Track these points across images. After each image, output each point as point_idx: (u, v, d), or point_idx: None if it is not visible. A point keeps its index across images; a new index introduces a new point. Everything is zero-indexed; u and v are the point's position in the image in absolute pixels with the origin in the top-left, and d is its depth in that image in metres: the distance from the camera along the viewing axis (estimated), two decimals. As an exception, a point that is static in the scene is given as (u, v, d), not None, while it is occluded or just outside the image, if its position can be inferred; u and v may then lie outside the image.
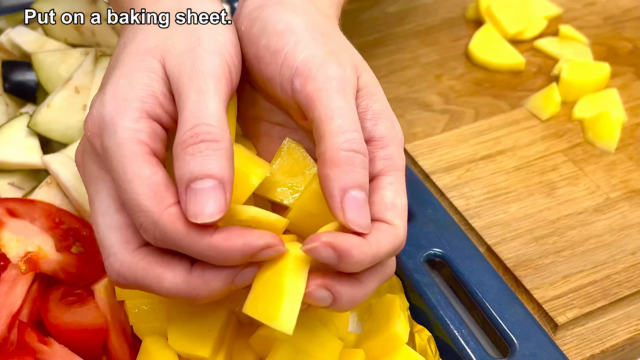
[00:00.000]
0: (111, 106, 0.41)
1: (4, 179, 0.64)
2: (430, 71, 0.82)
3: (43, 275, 0.57)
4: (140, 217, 0.40)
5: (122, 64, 0.44)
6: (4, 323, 0.54)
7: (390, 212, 0.42)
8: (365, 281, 0.43)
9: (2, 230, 0.56)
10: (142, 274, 0.41)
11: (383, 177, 0.44)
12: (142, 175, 0.40)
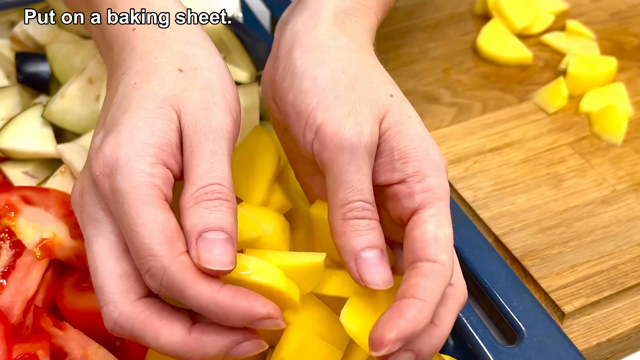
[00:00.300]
0: (128, 148, 0.41)
1: (19, 168, 0.65)
2: (438, 65, 0.83)
3: (57, 262, 0.58)
4: (150, 261, 0.40)
5: (139, 107, 0.43)
6: (20, 308, 0.55)
7: (433, 247, 0.41)
8: (441, 323, 0.43)
9: (18, 217, 0.57)
10: (140, 327, 0.41)
11: (424, 211, 0.43)
12: (156, 220, 0.40)
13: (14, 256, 0.57)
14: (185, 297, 0.40)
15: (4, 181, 0.65)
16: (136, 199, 0.40)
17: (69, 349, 0.53)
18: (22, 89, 0.70)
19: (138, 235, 0.40)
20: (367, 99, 0.46)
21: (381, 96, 0.47)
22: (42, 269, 0.57)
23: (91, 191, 0.43)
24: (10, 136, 0.64)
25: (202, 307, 0.40)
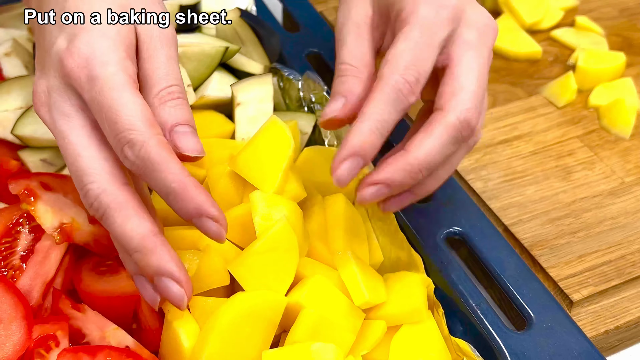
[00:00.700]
0: (102, 42, 0.46)
1: (37, 155, 0.67)
2: (448, 59, 0.84)
3: (76, 247, 0.59)
4: (132, 134, 0.44)
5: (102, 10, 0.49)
6: (39, 291, 0.56)
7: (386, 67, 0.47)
8: (413, 148, 0.46)
9: (37, 202, 0.58)
10: (115, 207, 0.45)
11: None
12: (136, 102, 0.45)
13: (32, 240, 0.59)
14: (156, 171, 0.44)
15: (22, 168, 0.66)
16: (116, 83, 0.45)
17: (87, 331, 0.54)
18: (40, 78, 0.71)
19: (119, 112, 0.44)
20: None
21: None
22: (61, 253, 0.58)
23: (61, 88, 0.48)
24: (29, 123, 0.66)
25: (167, 185, 0.44)
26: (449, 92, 0.47)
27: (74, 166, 0.47)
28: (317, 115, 0.70)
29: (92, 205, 0.46)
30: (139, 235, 0.45)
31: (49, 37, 0.50)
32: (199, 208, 0.45)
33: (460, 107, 0.46)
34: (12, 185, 0.59)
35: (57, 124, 0.48)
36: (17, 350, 0.50)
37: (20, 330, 0.51)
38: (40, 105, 0.50)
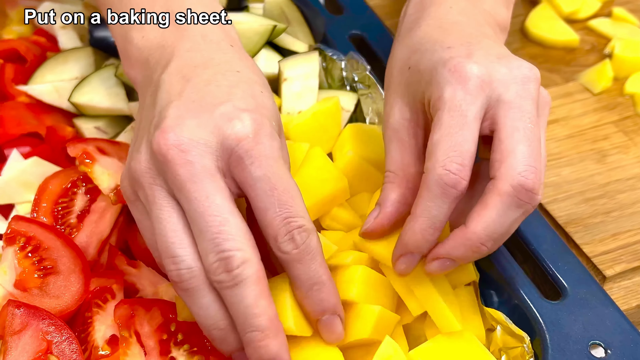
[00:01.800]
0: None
1: (91, 122, 0.70)
2: (486, 45, 0.86)
3: (129, 209, 0.62)
4: (304, 221, 0.46)
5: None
6: (95, 247, 0.59)
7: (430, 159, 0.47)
8: (470, 223, 0.47)
9: (94, 165, 0.61)
10: (255, 280, 0.45)
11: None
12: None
13: (88, 201, 0.62)
14: (313, 261, 0.47)
15: (77, 135, 0.70)
16: (286, 169, 0.48)
17: (141, 286, 0.57)
18: (95, 51, 0.74)
19: (295, 197, 0.46)
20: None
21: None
22: (116, 213, 0.61)
23: (213, 153, 0.47)
24: (85, 92, 0.69)
25: (319, 275, 0.47)
26: (498, 159, 0.47)
27: (214, 226, 0.44)
28: (359, 94, 0.72)
29: (233, 271, 0.44)
30: (269, 315, 0.44)
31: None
32: (337, 305, 0.48)
33: (511, 172, 0.46)
34: (70, 149, 0.62)
35: (199, 180, 0.45)
36: (75, 300, 0.53)
37: (78, 282, 0.54)
38: (144, 173, 0.47)
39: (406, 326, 0.56)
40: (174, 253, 0.45)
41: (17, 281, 0.53)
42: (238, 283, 0.44)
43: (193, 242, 0.45)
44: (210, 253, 0.44)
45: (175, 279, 0.45)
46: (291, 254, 0.46)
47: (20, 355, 0.48)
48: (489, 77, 0.48)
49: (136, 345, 0.51)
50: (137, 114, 0.54)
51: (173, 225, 0.45)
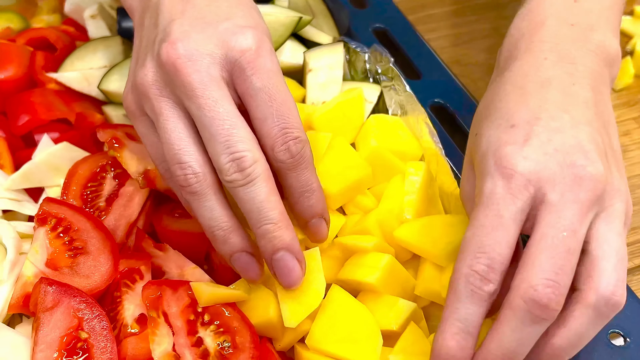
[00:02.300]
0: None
1: (120, 110, 0.71)
2: (508, 41, 0.87)
3: (156, 193, 0.63)
4: (300, 133, 0.49)
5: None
6: (123, 230, 0.60)
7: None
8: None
9: (123, 149, 0.62)
10: (266, 177, 0.49)
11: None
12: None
13: (117, 186, 0.63)
14: (307, 169, 0.50)
15: (106, 121, 0.71)
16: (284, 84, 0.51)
17: (167, 269, 0.59)
18: (123, 40, 0.76)
19: (293, 109, 0.49)
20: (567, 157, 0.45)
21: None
22: (143, 197, 0.62)
23: (217, 60, 0.50)
24: (114, 80, 0.70)
25: (311, 183, 0.50)
26: (518, 268, 0.44)
27: (225, 129, 0.47)
28: (382, 85, 0.73)
29: (246, 170, 0.47)
30: (280, 209, 0.48)
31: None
32: (324, 210, 0.52)
33: (524, 285, 0.42)
34: (100, 134, 0.64)
35: (208, 87, 0.48)
36: (104, 280, 0.55)
37: (108, 263, 0.56)
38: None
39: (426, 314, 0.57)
40: (181, 159, 0.48)
41: (48, 260, 0.55)
42: (251, 181, 0.47)
43: (199, 149, 0.49)
44: (222, 155, 0.47)
45: (183, 183, 0.48)
46: (286, 162, 0.49)
47: (52, 331, 0.50)
48: (536, 174, 0.44)
49: (164, 325, 0.52)
50: (136, 39, 0.56)
51: (179, 134, 0.49)
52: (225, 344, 0.52)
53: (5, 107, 0.71)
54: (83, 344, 0.50)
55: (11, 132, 0.69)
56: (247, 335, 0.52)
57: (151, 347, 0.50)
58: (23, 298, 0.53)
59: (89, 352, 0.49)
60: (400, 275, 0.55)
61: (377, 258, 0.54)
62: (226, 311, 0.53)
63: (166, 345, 0.51)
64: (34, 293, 0.52)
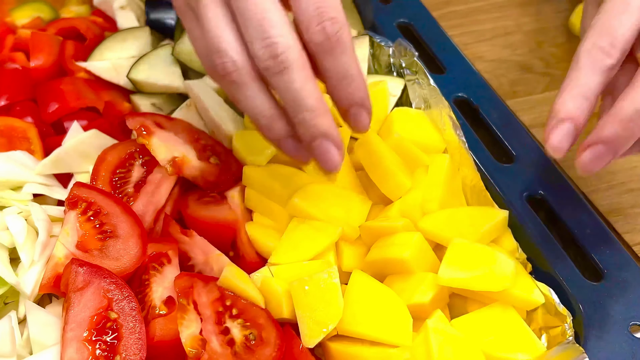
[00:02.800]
0: None
1: (147, 99, 0.72)
2: (532, 38, 0.87)
3: (183, 181, 0.64)
4: (337, 14, 0.47)
5: None
6: (151, 216, 0.61)
7: None
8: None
9: (152, 137, 0.64)
10: (299, 65, 0.46)
11: None
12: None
13: (145, 173, 0.64)
14: (345, 53, 0.47)
15: (134, 110, 0.72)
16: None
17: (193, 254, 0.60)
18: (152, 31, 0.77)
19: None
20: None
21: None
22: (171, 184, 0.64)
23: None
24: (143, 70, 0.72)
25: (349, 68, 0.48)
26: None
27: (258, 14, 0.46)
28: (406, 79, 0.74)
29: (278, 57, 0.46)
30: (316, 96, 0.47)
31: None
32: (365, 98, 0.50)
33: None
34: (129, 121, 0.65)
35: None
36: (133, 263, 0.56)
37: (136, 246, 0.57)
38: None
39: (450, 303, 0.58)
40: (219, 47, 0.47)
41: (78, 243, 0.56)
42: (285, 68, 0.46)
43: (238, 38, 0.47)
44: (256, 40, 0.46)
45: (221, 72, 0.48)
46: (322, 44, 0.47)
47: (82, 311, 0.51)
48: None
49: (193, 313, 0.53)
50: None
51: (219, 22, 0.47)
52: (252, 337, 0.53)
53: (36, 94, 0.72)
54: (112, 324, 0.51)
55: (41, 119, 0.70)
56: (273, 332, 0.53)
57: (180, 330, 0.51)
58: (54, 278, 0.54)
59: (118, 332, 0.50)
60: (428, 254, 0.56)
61: (407, 236, 0.55)
62: (253, 308, 0.54)
63: (194, 329, 0.52)
64: (64, 274, 0.53)
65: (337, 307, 0.53)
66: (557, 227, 0.63)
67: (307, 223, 0.60)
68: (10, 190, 0.62)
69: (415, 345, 0.52)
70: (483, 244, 0.57)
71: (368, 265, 0.58)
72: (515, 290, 0.55)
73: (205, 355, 0.49)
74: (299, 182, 0.62)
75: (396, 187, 0.61)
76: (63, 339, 0.50)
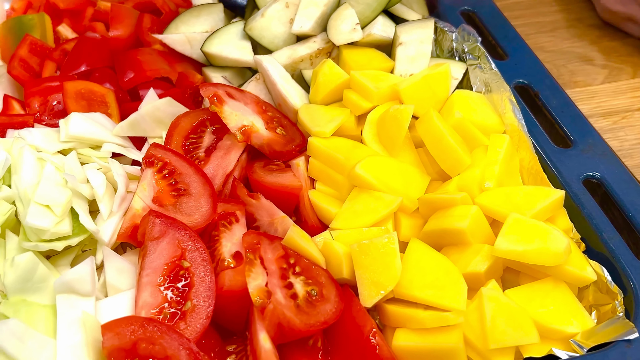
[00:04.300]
0: None
1: (218, 72, 0.76)
2: (593, 31, 0.88)
3: (250, 149, 0.68)
4: None
5: None
6: (220, 179, 0.65)
7: None
8: None
9: (224, 105, 0.67)
10: None
11: None
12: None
13: (215, 140, 0.67)
14: None
15: (205, 82, 0.76)
16: None
17: (259, 216, 0.63)
18: (225, 9, 0.80)
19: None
20: None
21: None
22: (239, 151, 0.67)
23: None
24: (216, 44, 0.75)
25: None
26: None
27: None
28: (468, 64, 0.76)
29: None
30: None
31: None
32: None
33: None
34: (203, 90, 0.68)
35: None
36: (204, 219, 0.59)
37: (207, 204, 0.60)
38: None
39: (503, 277, 0.60)
40: None
41: (154, 197, 0.60)
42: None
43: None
44: None
45: None
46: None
47: (157, 258, 0.54)
48: None
49: (260, 267, 0.56)
50: None
51: None
52: (313, 292, 0.55)
53: (114, 63, 0.76)
54: (185, 272, 0.54)
55: (119, 86, 0.74)
56: (334, 290, 0.56)
57: (247, 281, 0.54)
58: (131, 228, 0.57)
59: (190, 280, 0.54)
60: (485, 227, 0.58)
61: (465, 208, 0.58)
62: (315, 267, 0.57)
63: (260, 281, 0.54)
64: (142, 224, 0.57)
65: (395, 271, 0.55)
66: (612, 210, 0.64)
67: (367, 192, 0.62)
68: (89, 148, 0.66)
69: (469, 311, 0.54)
70: (539, 221, 0.58)
71: (425, 235, 0.60)
72: (568, 267, 0.56)
73: (270, 305, 0.52)
74: (362, 154, 0.64)
75: (456, 163, 0.63)
76: (138, 284, 0.53)
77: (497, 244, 0.56)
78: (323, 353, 0.54)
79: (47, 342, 0.50)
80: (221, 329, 0.56)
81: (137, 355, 0.49)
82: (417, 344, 0.54)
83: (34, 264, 0.53)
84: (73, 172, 0.60)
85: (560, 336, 0.55)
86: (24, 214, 0.56)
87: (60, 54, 0.77)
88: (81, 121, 0.65)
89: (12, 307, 0.51)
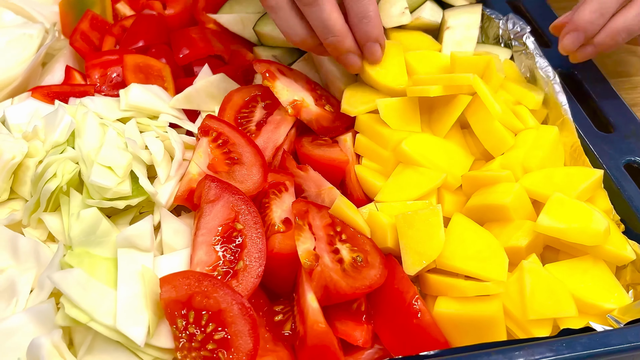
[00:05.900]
0: None
1: (269, 51, 0.79)
2: (638, 24, 0.89)
3: (299, 124, 0.70)
4: None
5: None
6: (270, 151, 0.67)
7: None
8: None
9: (276, 81, 0.70)
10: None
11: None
12: None
13: (266, 115, 0.70)
14: (317, 11, 0.61)
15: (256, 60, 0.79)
16: None
17: (307, 187, 0.65)
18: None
19: None
20: None
21: None
22: (289, 126, 0.69)
23: None
24: (268, 24, 0.78)
25: (368, 9, 0.62)
26: None
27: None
28: (513, 50, 0.77)
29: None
30: (341, 23, 0.62)
31: None
32: (380, 35, 0.64)
33: None
34: (257, 66, 0.71)
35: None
36: (256, 187, 0.62)
37: (259, 173, 0.63)
38: None
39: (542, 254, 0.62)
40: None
41: (209, 164, 0.63)
42: (314, 1, 0.60)
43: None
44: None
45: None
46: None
47: (212, 219, 0.57)
48: None
49: (308, 232, 0.58)
50: None
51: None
52: (359, 259, 0.58)
53: (170, 39, 0.79)
54: (238, 234, 0.57)
55: (174, 61, 0.77)
56: (378, 257, 0.58)
57: (297, 244, 0.56)
58: (187, 192, 0.60)
59: (243, 241, 0.56)
60: (527, 205, 0.60)
61: (508, 185, 0.59)
62: (360, 236, 0.59)
63: (309, 245, 0.57)
64: (198, 188, 0.59)
65: (439, 241, 0.57)
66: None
67: (412, 168, 0.64)
68: (147, 118, 0.69)
69: (509, 282, 0.56)
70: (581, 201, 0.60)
71: (468, 211, 0.62)
72: (607, 246, 0.58)
73: (318, 268, 0.55)
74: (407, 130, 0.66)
75: (499, 143, 0.65)
76: (194, 242, 0.56)
77: (539, 220, 0.58)
78: (367, 317, 0.56)
79: (108, 292, 0.53)
80: (269, 292, 0.59)
81: (192, 308, 0.52)
82: (458, 311, 0.56)
83: (97, 218, 0.56)
84: (133, 138, 0.63)
85: (597, 311, 0.56)
86: (88, 174, 0.59)
87: (119, 30, 0.80)
88: (140, 92, 0.69)
89: (77, 258, 0.54)
